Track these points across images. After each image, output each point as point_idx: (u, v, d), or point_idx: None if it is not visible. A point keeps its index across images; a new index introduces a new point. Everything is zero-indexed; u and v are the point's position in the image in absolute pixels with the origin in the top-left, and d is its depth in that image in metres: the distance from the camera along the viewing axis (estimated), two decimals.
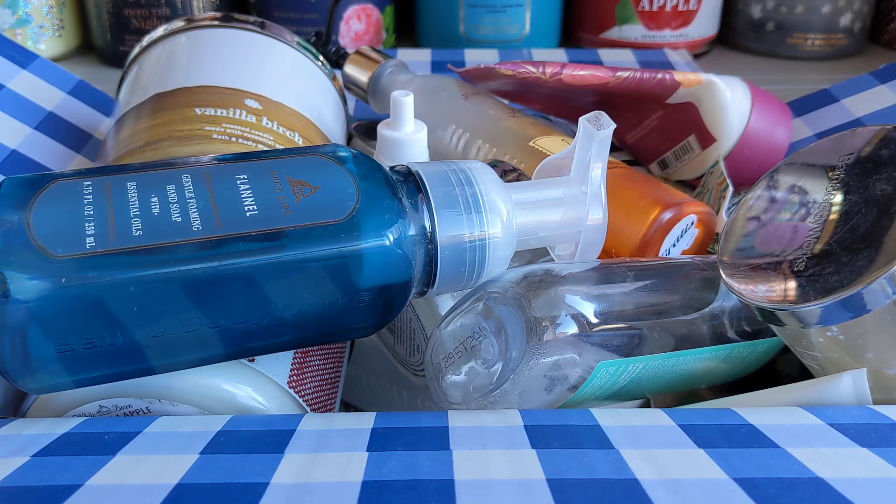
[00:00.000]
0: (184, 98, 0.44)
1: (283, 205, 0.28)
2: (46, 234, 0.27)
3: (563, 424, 0.28)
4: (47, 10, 0.74)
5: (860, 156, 0.34)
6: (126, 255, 0.26)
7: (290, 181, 0.29)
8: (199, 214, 0.28)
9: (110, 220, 0.27)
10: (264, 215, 0.28)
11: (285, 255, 0.27)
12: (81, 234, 0.27)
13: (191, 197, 0.28)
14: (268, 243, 0.27)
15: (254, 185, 0.29)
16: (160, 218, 0.27)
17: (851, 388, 0.32)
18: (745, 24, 0.82)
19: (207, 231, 0.27)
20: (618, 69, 0.51)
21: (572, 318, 0.32)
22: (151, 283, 0.26)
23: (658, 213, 0.41)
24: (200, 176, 0.29)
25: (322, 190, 0.29)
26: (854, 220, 0.32)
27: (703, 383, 0.38)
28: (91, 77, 0.58)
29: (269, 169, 0.30)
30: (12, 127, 0.48)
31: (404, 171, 0.32)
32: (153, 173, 0.29)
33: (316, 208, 0.29)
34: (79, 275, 0.26)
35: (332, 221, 0.28)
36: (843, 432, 0.28)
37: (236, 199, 0.28)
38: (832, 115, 0.55)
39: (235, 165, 0.30)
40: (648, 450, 0.26)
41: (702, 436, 0.27)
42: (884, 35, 0.85)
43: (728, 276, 0.34)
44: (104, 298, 0.26)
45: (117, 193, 0.28)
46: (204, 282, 0.27)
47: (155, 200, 0.28)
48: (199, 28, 0.50)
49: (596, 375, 0.32)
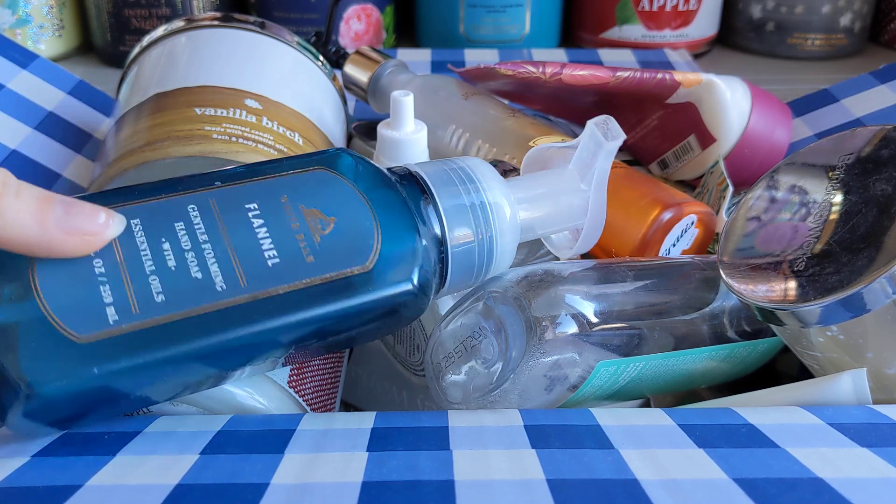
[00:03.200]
0: (184, 98, 0.44)
1: (304, 249, 0.27)
2: (61, 305, 0.24)
3: (564, 424, 0.28)
4: (47, 10, 0.74)
5: (860, 156, 0.34)
6: (155, 331, 0.25)
7: (305, 212, 0.28)
8: (220, 267, 0.26)
9: (126, 280, 0.25)
10: (287, 265, 0.27)
11: (314, 312, 0.27)
12: (100, 303, 0.25)
13: (205, 242, 0.27)
14: (297, 303, 0.27)
15: (268, 221, 0.28)
16: (179, 275, 0.26)
17: (851, 387, 0.32)
18: (745, 24, 0.82)
19: (233, 291, 0.26)
20: (618, 69, 0.51)
21: (572, 318, 0.32)
22: (183, 360, 0.25)
23: (658, 212, 0.41)
24: (208, 206, 0.28)
25: (339, 224, 0.28)
26: (854, 220, 0.32)
27: (702, 383, 0.38)
28: (91, 77, 0.58)
29: (278, 193, 0.29)
30: (12, 127, 0.48)
31: (404, 172, 0.32)
32: (156, 204, 0.27)
33: (338, 252, 0.28)
34: (110, 362, 0.24)
35: (357, 271, 0.28)
36: (843, 432, 0.28)
37: (254, 245, 0.27)
38: (832, 115, 0.55)
39: (242, 189, 0.28)
40: (648, 450, 0.26)
41: (702, 435, 0.27)
42: (884, 35, 0.85)
43: (728, 275, 0.34)
44: (133, 380, 0.25)
45: (124, 239, 0.26)
46: (234, 348, 0.26)
47: (167, 248, 0.26)
48: (199, 28, 0.50)
49: (596, 375, 0.32)
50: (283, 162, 0.30)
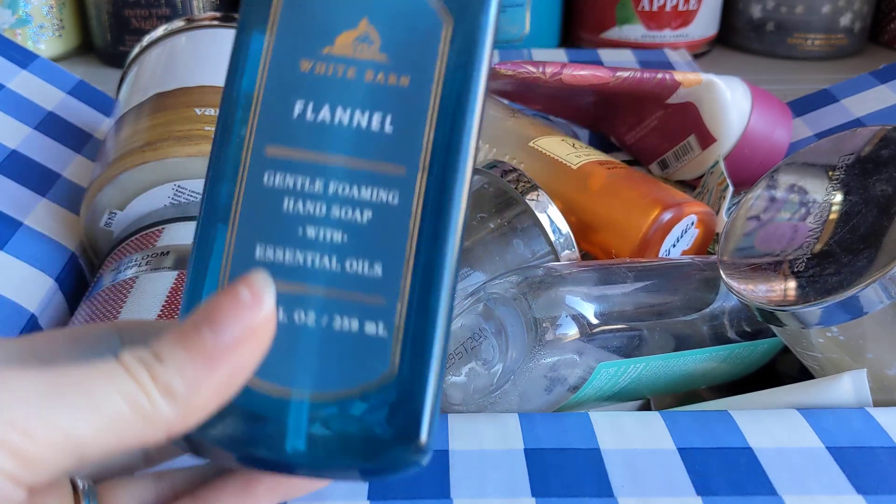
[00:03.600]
0: (184, 98, 0.44)
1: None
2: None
3: (564, 448, 0.28)
4: (47, 10, 0.74)
5: (860, 156, 0.34)
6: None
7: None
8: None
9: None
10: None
11: None
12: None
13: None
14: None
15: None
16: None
17: (851, 388, 0.32)
18: (745, 24, 0.82)
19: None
20: (618, 69, 0.51)
21: (572, 319, 0.32)
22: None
23: (658, 213, 0.41)
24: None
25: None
26: (854, 221, 0.32)
27: (703, 383, 0.38)
28: (91, 77, 0.58)
29: None
30: (12, 127, 0.48)
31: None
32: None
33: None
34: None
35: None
36: (841, 463, 0.28)
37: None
38: (832, 115, 0.55)
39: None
40: (646, 499, 0.27)
41: (700, 471, 0.28)
42: (884, 35, 0.85)
43: (728, 276, 0.34)
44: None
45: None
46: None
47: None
48: (199, 28, 0.50)
49: (596, 376, 0.32)
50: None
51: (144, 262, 0.39)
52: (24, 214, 0.43)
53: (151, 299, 0.36)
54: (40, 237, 0.43)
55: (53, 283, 0.42)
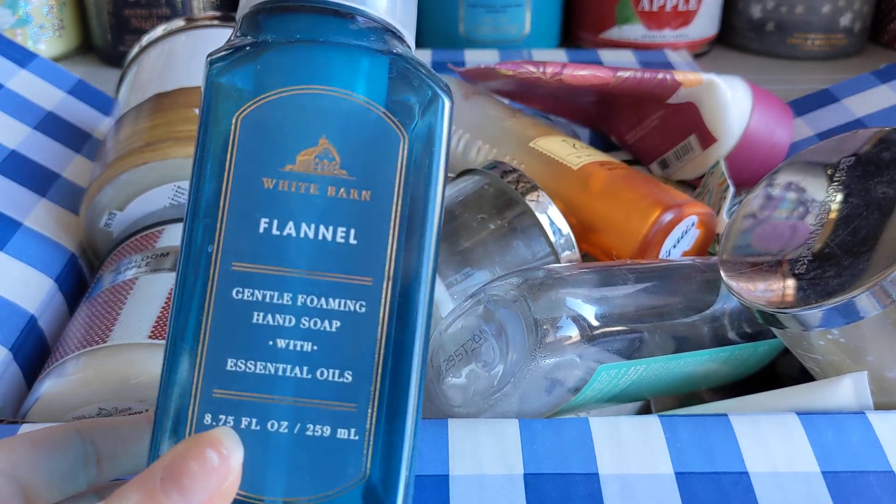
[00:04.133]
0: (183, 98, 0.44)
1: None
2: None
3: (563, 473, 0.28)
4: (47, 10, 0.74)
5: (861, 158, 0.34)
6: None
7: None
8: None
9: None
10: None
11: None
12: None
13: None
14: None
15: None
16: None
17: (852, 391, 0.31)
18: (745, 24, 0.82)
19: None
20: (618, 69, 0.50)
21: (573, 321, 0.31)
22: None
23: (659, 214, 0.41)
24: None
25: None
26: (855, 223, 0.32)
27: (703, 385, 0.38)
28: (91, 77, 0.58)
29: None
30: (12, 127, 0.48)
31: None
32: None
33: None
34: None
35: None
36: (834, 493, 0.28)
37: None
38: (833, 115, 0.55)
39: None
40: None
41: (695, 497, 0.28)
42: (884, 35, 0.85)
43: (729, 277, 0.34)
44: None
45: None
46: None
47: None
48: (199, 28, 0.50)
49: (597, 378, 0.32)
50: None
51: (144, 263, 0.39)
52: (23, 215, 0.43)
53: (151, 300, 0.36)
54: (40, 238, 0.43)
55: (53, 284, 0.42)
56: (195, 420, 0.21)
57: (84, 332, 0.36)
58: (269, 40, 0.22)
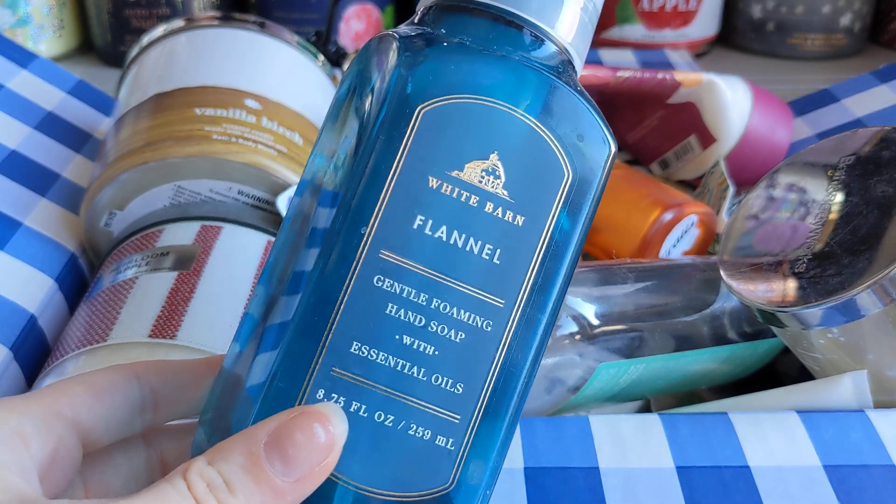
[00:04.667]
0: (184, 98, 0.44)
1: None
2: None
3: (564, 468, 0.29)
4: (47, 10, 0.74)
5: (861, 157, 0.34)
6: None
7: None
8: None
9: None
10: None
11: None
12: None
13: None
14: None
15: None
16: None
17: (852, 389, 0.32)
18: (745, 24, 0.82)
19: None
20: (618, 69, 0.50)
21: (573, 320, 0.31)
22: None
23: (659, 213, 0.41)
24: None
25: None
26: (855, 222, 0.32)
27: (703, 384, 0.38)
28: (91, 77, 0.58)
29: None
30: (12, 127, 0.48)
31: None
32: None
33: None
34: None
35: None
36: (836, 485, 0.28)
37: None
38: (833, 115, 0.55)
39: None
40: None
41: (697, 491, 0.28)
42: (884, 35, 0.85)
43: (729, 277, 0.34)
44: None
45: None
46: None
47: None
48: (199, 28, 0.50)
49: (597, 377, 0.32)
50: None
51: (144, 263, 0.39)
52: (23, 214, 0.43)
53: (151, 300, 0.36)
54: (40, 237, 0.43)
55: (53, 284, 0.42)
56: (308, 392, 0.21)
57: (84, 332, 0.36)
58: (467, 43, 0.22)
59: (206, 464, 0.20)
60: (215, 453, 0.20)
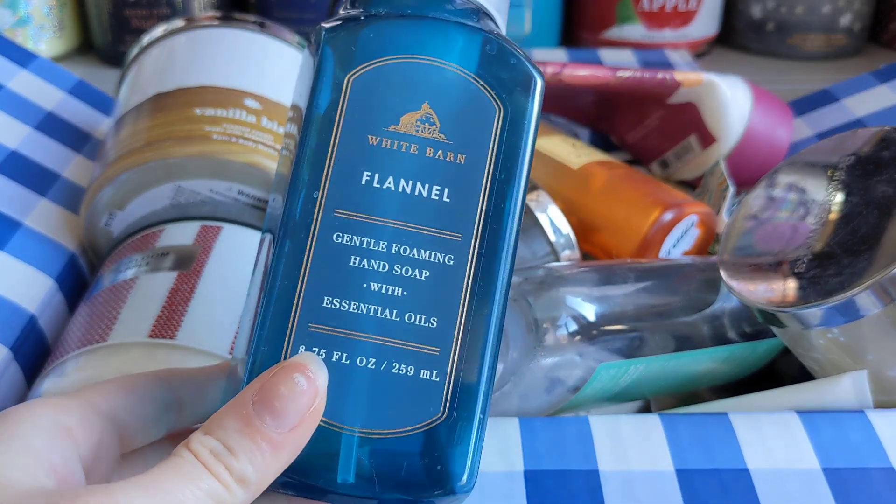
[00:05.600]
0: (183, 98, 0.44)
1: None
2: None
3: (563, 470, 0.29)
4: (47, 10, 0.74)
5: (861, 157, 0.34)
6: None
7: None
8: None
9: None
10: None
11: None
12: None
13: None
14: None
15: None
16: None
17: (852, 389, 0.32)
18: (745, 24, 0.82)
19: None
20: (618, 69, 0.50)
21: (573, 320, 0.32)
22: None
23: (659, 213, 0.41)
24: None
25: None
26: (855, 222, 0.32)
27: (703, 384, 0.38)
28: (91, 77, 0.58)
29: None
30: (12, 127, 0.48)
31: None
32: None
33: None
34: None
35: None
36: (835, 489, 0.28)
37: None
38: (833, 115, 0.55)
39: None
40: None
41: (696, 495, 0.28)
42: (884, 35, 0.85)
43: (729, 276, 0.34)
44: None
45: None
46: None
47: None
48: (199, 28, 0.50)
49: (597, 377, 0.32)
50: None
51: (144, 263, 0.39)
52: (23, 214, 0.43)
53: (151, 300, 0.36)
54: (40, 237, 0.43)
55: (53, 284, 0.42)
56: (290, 351, 0.23)
57: (84, 332, 0.36)
58: (381, 13, 0.24)
59: (204, 434, 0.21)
60: (210, 424, 0.21)
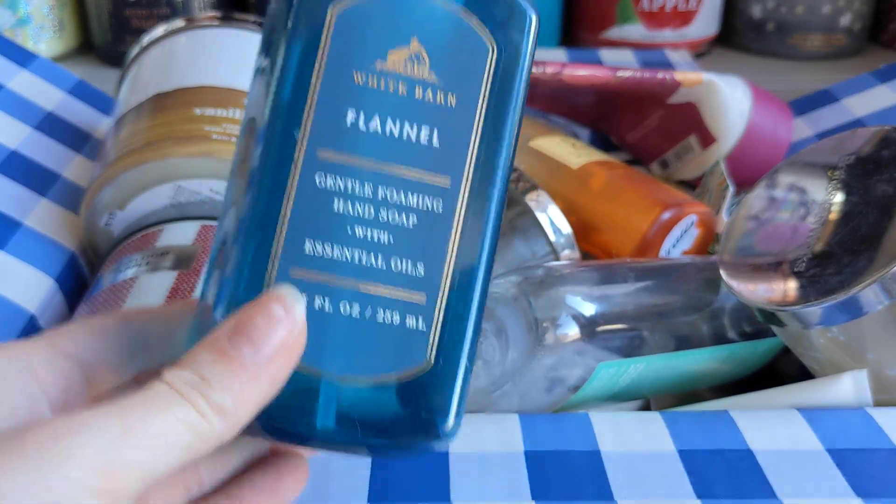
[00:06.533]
0: (183, 98, 0.44)
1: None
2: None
3: (563, 451, 0.28)
4: (47, 10, 0.74)
5: (861, 156, 0.34)
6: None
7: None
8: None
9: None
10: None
11: None
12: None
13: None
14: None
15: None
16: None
17: (852, 388, 0.32)
18: (745, 24, 0.82)
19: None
20: (618, 69, 0.51)
21: (573, 319, 0.32)
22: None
23: (659, 213, 0.41)
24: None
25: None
26: (855, 222, 0.32)
27: (703, 384, 0.38)
28: (91, 77, 0.58)
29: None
30: (12, 127, 0.48)
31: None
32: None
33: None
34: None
35: None
36: (841, 466, 0.28)
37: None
38: (833, 115, 0.55)
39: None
40: (646, 501, 0.27)
41: (701, 475, 0.28)
42: (884, 35, 0.85)
43: (729, 276, 0.34)
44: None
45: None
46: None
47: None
48: (199, 28, 0.50)
49: (597, 376, 0.32)
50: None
51: (144, 263, 0.39)
52: (24, 214, 0.43)
53: (151, 299, 0.36)
54: (40, 237, 0.43)
55: (53, 284, 0.42)
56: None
57: None
58: None
59: (178, 368, 0.20)
60: (183, 359, 0.20)
